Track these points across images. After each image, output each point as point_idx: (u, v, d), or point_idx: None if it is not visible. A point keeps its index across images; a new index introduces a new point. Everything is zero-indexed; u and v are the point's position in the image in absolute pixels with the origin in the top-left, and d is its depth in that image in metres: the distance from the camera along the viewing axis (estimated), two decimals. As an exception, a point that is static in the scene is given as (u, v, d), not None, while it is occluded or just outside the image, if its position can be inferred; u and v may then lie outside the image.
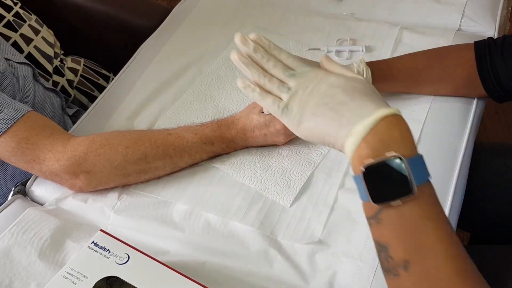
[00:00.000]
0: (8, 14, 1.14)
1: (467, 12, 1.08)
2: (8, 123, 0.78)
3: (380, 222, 0.51)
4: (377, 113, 0.51)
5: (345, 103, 0.54)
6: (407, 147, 0.50)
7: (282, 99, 0.59)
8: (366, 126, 0.51)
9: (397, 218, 0.50)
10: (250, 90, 0.62)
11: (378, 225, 0.51)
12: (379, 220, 0.51)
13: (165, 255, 0.76)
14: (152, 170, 0.83)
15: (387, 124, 0.51)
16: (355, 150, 0.51)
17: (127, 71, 1.07)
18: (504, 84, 0.83)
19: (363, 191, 0.51)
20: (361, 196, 0.52)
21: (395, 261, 0.50)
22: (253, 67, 0.62)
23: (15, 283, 0.72)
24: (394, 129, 0.51)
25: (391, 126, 0.51)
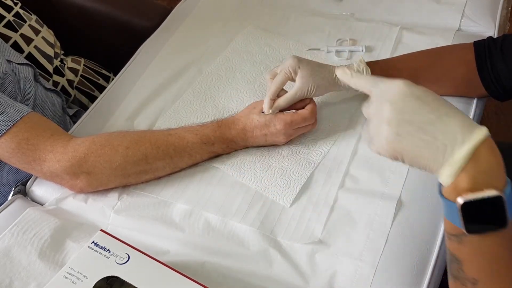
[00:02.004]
0: (8, 14, 1.15)
1: (467, 12, 1.08)
2: (9, 124, 0.79)
3: (461, 242, 0.52)
4: (475, 137, 0.49)
5: (433, 121, 0.50)
6: (503, 177, 0.49)
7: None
8: (466, 155, 0.49)
9: (479, 243, 0.52)
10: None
11: (458, 243, 0.53)
12: (461, 240, 0.52)
13: (165, 255, 0.76)
14: (153, 171, 0.83)
15: (485, 151, 0.49)
16: (453, 180, 0.50)
17: (127, 71, 1.07)
18: (505, 83, 0.83)
19: (455, 217, 0.51)
20: (449, 217, 0.52)
21: (466, 275, 0.53)
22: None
23: (15, 283, 0.72)
24: (491, 155, 0.49)
25: (489, 152, 0.49)
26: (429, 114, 0.51)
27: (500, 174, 0.49)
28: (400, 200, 0.78)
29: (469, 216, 0.50)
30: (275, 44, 1.07)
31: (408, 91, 0.53)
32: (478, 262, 0.53)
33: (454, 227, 0.52)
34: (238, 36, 1.10)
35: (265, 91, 0.95)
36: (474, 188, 0.49)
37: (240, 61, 1.04)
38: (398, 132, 0.52)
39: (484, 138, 0.49)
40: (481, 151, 0.49)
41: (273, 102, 0.83)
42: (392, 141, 0.52)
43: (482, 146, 0.49)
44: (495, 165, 0.49)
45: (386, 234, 0.75)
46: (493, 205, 0.49)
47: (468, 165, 0.49)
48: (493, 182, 0.49)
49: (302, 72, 0.82)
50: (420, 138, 0.51)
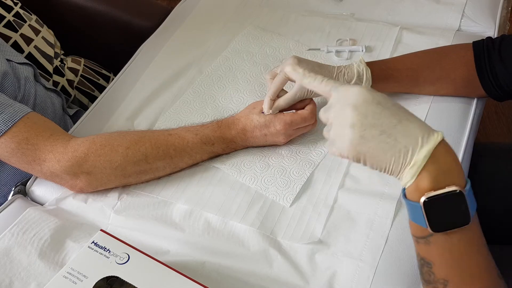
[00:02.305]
0: (8, 14, 1.15)
1: (467, 12, 1.08)
2: (8, 124, 0.79)
3: (429, 243, 0.54)
4: (433, 140, 0.51)
5: (394, 125, 0.53)
6: (462, 175, 0.52)
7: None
8: (426, 156, 0.51)
9: (446, 242, 0.53)
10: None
11: (426, 245, 0.55)
12: (428, 242, 0.54)
13: (165, 255, 0.76)
14: (153, 171, 0.83)
15: (442, 151, 0.52)
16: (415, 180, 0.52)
17: (127, 71, 1.07)
18: (503, 84, 0.83)
19: (419, 217, 0.53)
20: (414, 219, 0.54)
21: (436, 278, 0.55)
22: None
23: (15, 283, 0.72)
24: (449, 156, 0.52)
25: (445, 153, 0.52)
26: (390, 118, 0.53)
27: (459, 173, 0.52)
28: (400, 200, 0.78)
29: (433, 214, 0.52)
30: (275, 44, 1.07)
31: (370, 96, 0.54)
32: (447, 262, 0.54)
33: (421, 229, 0.54)
34: (238, 36, 1.10)
35: (265, 91, 0.95)
36: (435, 186, 0.51)
37: (240, 61, 1.04)
38: (362, 135, 0.53)
39: (441, 140, 0.52)
40: (439, 152, 0.51)
41: (273, 102, 0.83)
42: (357, 144, 0.54)
43: (440, 147, 0.52)
44: (454, 165, 0.52)
45: (386, 234, 0.75)
46: (455, 201, 0.51)
47: (428, 166, 0.51)
48: (453, 180, 0.51)
49: (302, 72, 0.82)
50: (383, 141, 0.53)
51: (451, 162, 0.52)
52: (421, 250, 0.56)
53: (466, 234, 0.53)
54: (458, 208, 0.51)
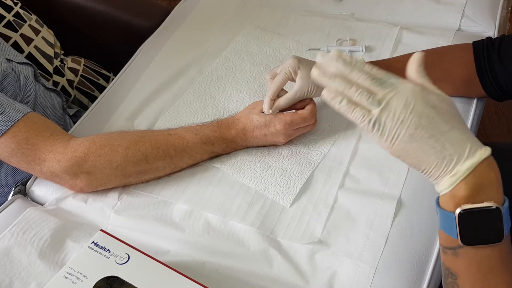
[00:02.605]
0: (8, 14, 1.15)
1: (467, 12, 1.08)
2: (8, 124, 0.79)
3: (457, 255, 0.54)
4: (479, 154, 0.52)
5: (444, 132, 0.53)
6: (501, 193, 0.52)
7: (372, 112, 0.54)
8: (469, 168, 0.51)
9: (474, 257, 0.53)
10: (337, 102, 0.56)
11: (454, 257, 0.54)
12: (456, 253, 0.54)
13: (165, 255, 0.76)
14: (153, 171, 0.83)
15: (486, 166, 0.52)
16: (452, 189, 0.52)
17: (127, 71, 1.07)
18: (503, 84, 0.83)
19: (451, 228, 0.52)
20: (445, 229, 0.54)
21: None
22: (337, 80, 0.56)
23: (15, 283, 0.72)
24: (491, 172, 0.52)
25: (488, 169, 0.52)
26: (442, 124, 0.53)
27: (498, 191, 0.52)
28: (400, 200, 0.78)
29: (466, 227, 0.51)
30: (275, 44, 1.07)
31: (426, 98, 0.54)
32: (473, 275, 0.53)
33: (450, 239, 0.53)
34: (238, 36, 1.10)
35: (265, 91, 0.95)
36: (472, 199, 0.51)
37: (240, 61, 1.04)
38: (412, 134, 0.53)
39: (487, 156, 0.52)
40: (483, 167, 0.51)
41: (273, 102, 0.83)
42: (403, 141, 0.53)
43: (485, 162, 0.51)
44: (494, 182, 0.52)
45: (386, 234, 0.75)
46: (490, 217, 0.51)
47: (468, 178, 0.51)
48: (491, 196, 0.51)
49: (302, 72, 0.82)
50: (430, 144, 0.53)
51: (492, 178, 0.52)
52: (447, 260, 0.55)
53: (497, 251, 0.52)
54: (493, 224, 0.51)
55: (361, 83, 0.56)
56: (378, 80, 0.55)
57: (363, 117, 0.54)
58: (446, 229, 0.53)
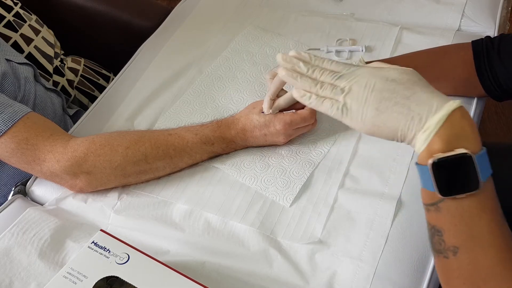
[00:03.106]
0: (8, 14, 1.15)
1: (467, 12, 1.08)
2: (8, 124, 0.79)
3: (439, 210, 0.54)
4: (448, 106, 0.52)
5: (407, 96, 0.55)
6: (476, 141, 0.52)
7: (339, 100, 0.59)
8: (440, 120, 0.52)
9: (456, 208, 0.53)
10: (307, 98, 0.62)
11: (436, 212, 0.55)
12: (438, 208, 0.54)
13: (165, 255, 0.76)
14: (152, 171, 0.83)
15: (457, 117, 0.52)
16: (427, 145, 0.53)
17: (127, 71, 1.07)
18: (502, 83, 0.83)
19: (428, 181, 0.53)
20: (424, 185, 0.55)
21: (446, 245, 0.54)
22: (303, 78, 0.62)
23: (15, 283, 0.72)
24: (465, 122, 0.52)
25: (460, 119, 0.52)
26: (404, 91, 0.56)
27: (474, 139, 0.52)
28: (400, 200, 0.78)
29: (441, 177, 0.52)
30: (275, 44, 1.07)
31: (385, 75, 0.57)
32: (458, 228, 0.54)
33: (431, 195, 0.54)
34: (238, 36, 1.10)
35: (265, 91, 0.95)
36: (446, 149, 0.52)
37: (240, 61, 1.04)
38: (377, 107, 0.56)
39: (457, 107, 0.52)
40: (454, 118, 0.52)
41: (273, 102, 0.83)
42: (371, 116, 0.57)
43: (455, 112, 0.52)
44: (468, 130, 0.52)
45: (386, 234, 0.75)
46: (463, 165, 0.51)
47: (441, 130, 0.52)
48: (465, 144, 0.51)
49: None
50: (397, 111, 0.55)
51: (465, 127, 0.52)
52: (431, 218, 0.56)
53: (478, 200, 0.53)
54: (467, 172, 0.51)
55: (324, 79, 0.61)
56: (337, 74, 0.60)
57: (331, 106, 0.59)
58: (425, 184, 0.54)
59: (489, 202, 0.54)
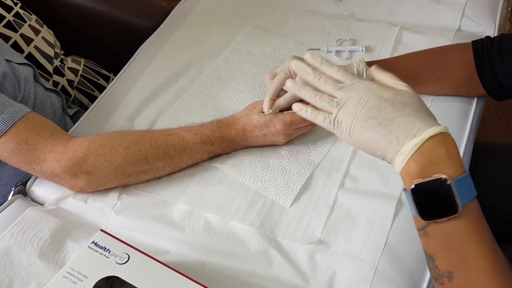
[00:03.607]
0: (8, 14, 1.15)
1: (467, 12, 1.08)
2: (8, 124, 0.78)
3: (427, 235, 0.55)
4: (425, 133, 0.53)
5: (393, 118, 0.56)
6: (454, 166, 0.53)
7: (332, 114, 0.61)
8: (414, 146, 0.53)
9: (442, 232, 0.53)
10: (304, 112, 0.64)
11: (425, 237, 0.55)
12: (426, 233, 0.55)
13: (165, 255, 0.76)
14: (152, 171, 0.83)
15: (434, 143, 0.53)
16: (403, 168, 0.54)
17: (127, 71, 1.07)
18: (503, 83, 0.83)
19: (412, 206, 0.54)
20: (410, 209, 0.55)
21: (441, 271, 0.54)
22: (305, 90, 0.64)
23: (15, 283, 0.72)
24: (441, 148, 0.53)
25: (438, 145, 0.53)
26: (392, 112, 0.56)
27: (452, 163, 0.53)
28: (400, 200, 0.78)
29: (421, 202, 0.53)
30: (275, 44, 1.07)
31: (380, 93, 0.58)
32: (448, 253, 0.54)
33: (417, 219, 0.55)
34: (238, 36, 1.10)
35: (265, 91, 0.95)
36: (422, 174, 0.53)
37: (240, 61, 1.04)
38: (363, 125, 0.58)
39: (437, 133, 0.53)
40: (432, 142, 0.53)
41: (273, 102, 0.83)
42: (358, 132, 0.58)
43: (435, 138, 0.53)
44: (445, 156, 0.53)
45: (386, 234, 0.75)
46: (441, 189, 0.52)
47: (416, 156, 0.53)
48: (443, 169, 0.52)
49: (302, 71, 0.82)
50: (379, 131, 0.56)
51: (442, 154, 0.53)
52: (423, 243, 0.56)
53: (463, 223, 0.53)
54: (445, 196, 0.52)
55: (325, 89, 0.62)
56: (340, 84, 0.61)
57: (324, 120, 0.61)
58: (411, 209, 0.55)
59: (475, 224, 0.53)
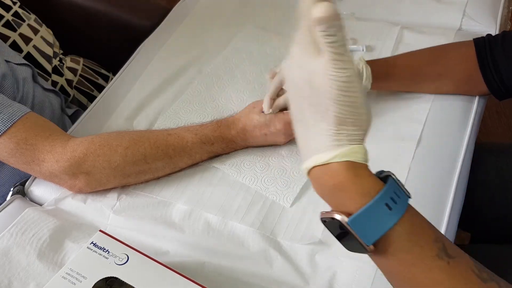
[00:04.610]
0: (7, 14, 1.14)
1: (468, 12, 1.08)
2: (7, 124, 0.78)
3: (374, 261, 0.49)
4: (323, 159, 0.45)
5: (310, 125, 0.47)
6: (355, 200, 0.45)
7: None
8: (304, 171, 0.47)
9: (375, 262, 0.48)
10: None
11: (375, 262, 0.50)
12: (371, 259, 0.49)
13: (165, 255, 0.76)
14: (152, 171, 0.83)
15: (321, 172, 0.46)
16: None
17: (126, 70, 1.07)
18: (505, 79, 0.83)
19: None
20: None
21: None
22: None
23: (14, 283, 0.72)
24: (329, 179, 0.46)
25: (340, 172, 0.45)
26: (311, 114, 0.47)
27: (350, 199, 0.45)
28: (401, 200, 0.78)
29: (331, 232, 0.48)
30: (275, 44, 1.07)
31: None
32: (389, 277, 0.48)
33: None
34: (237, 35, 1.10)
35: (265, 91, 0.94)
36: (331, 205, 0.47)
37: (240, 61, 1.04)
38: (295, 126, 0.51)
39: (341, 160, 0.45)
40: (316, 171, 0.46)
41: (273, 101, 0.83)
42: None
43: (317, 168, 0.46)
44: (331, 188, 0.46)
45: (386, 234, 0.75)
46: (341, 227, 0.45)
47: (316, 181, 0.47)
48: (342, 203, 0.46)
49: (302, 71, 0.82)
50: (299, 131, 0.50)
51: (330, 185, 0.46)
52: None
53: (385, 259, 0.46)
54: (350, 235, 0.45)
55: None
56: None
57: None
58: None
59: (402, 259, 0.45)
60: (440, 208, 0.78)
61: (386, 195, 0.44)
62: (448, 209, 0.78)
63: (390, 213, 0.44)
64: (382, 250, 0.45)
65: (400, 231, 0.44)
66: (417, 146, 0.85)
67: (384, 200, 0.44)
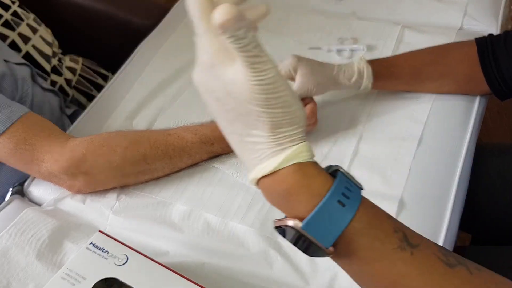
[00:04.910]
0: (6, 13, 1.14)
1: (469, 11, 1.08)
2: (6, 124, 0.78)
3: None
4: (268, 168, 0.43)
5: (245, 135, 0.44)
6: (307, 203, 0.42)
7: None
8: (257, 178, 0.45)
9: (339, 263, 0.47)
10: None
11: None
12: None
13: (164, 256, 0.75)
14: (152, 171, 0.83)
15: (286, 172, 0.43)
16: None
17: (125, 70, 1.06)
18: (507, 79, 0.83)
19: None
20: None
21: None
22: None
23: (13, 284, 0.72)
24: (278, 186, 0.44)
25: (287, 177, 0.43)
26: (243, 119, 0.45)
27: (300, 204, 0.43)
28: (401, 200, 0.78)
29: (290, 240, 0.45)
30: (275, 43, 1.06)
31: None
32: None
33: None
34: (238, 35, 1.09)
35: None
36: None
37: (240, 60, 1.04)
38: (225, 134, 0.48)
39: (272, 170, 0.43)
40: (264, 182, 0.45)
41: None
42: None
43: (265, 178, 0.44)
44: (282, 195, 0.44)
45: (387, 235, 0.74)
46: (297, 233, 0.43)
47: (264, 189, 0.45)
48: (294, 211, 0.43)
49: (302, 70, 0.82)
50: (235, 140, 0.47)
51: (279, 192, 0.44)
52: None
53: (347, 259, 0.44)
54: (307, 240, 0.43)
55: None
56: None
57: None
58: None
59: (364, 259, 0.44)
60: (441, 209, 0.78)
61: (336, 192, 0.42)
62: (449, 210, 0.77)
63: (344, 210, 0.42)
64: (342, 251, 0.43)
65: (357, 227, 0.43)
66: (418, 146, 0.85)
67: (336, 198, 0.42)
